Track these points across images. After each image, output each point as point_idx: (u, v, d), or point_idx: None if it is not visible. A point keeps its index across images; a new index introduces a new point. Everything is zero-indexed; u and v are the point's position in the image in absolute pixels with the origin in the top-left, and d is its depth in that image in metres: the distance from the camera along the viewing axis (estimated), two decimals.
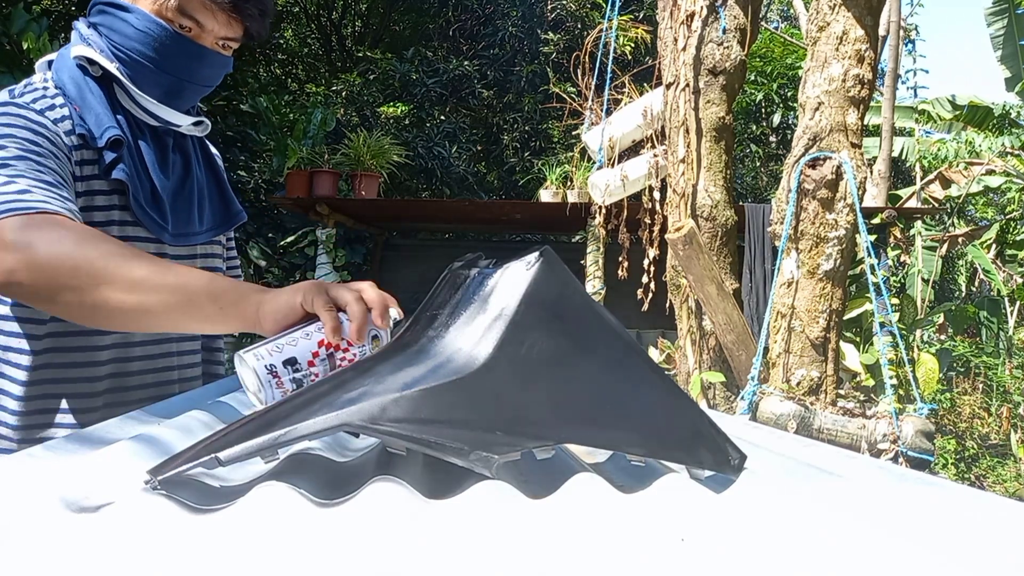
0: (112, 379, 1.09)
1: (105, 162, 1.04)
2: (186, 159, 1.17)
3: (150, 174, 1.09)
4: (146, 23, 1.03)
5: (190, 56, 1.07)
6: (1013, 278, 6.75)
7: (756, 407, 2.80)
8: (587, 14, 7.80)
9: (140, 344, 1.12)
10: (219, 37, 1.08)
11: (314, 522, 0.49)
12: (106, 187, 1.06)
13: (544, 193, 5.33)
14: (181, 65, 1.07)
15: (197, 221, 1.17)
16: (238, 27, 1.09)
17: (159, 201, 1.09)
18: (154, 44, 1.04)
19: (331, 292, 0.78)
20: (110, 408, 1.07)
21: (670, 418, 0.64)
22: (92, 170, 1.05)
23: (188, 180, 1.16)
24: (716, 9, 3.32)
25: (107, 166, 1.04)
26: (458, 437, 0.57)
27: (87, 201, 1.03)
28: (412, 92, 7.64)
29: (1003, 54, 8.19)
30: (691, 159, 3.32)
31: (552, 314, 0.61)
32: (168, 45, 1.05)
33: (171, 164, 1.14)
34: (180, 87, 1.09)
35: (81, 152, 1.03)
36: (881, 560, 0.46)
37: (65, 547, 0.44)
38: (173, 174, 1.14)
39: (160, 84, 1.07)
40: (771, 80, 8.74)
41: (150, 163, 1.09)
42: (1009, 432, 6.03)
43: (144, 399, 1.10)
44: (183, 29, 1.05)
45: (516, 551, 0.46)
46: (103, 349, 1.08)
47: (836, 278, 2.86)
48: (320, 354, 0.76)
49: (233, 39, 1.10)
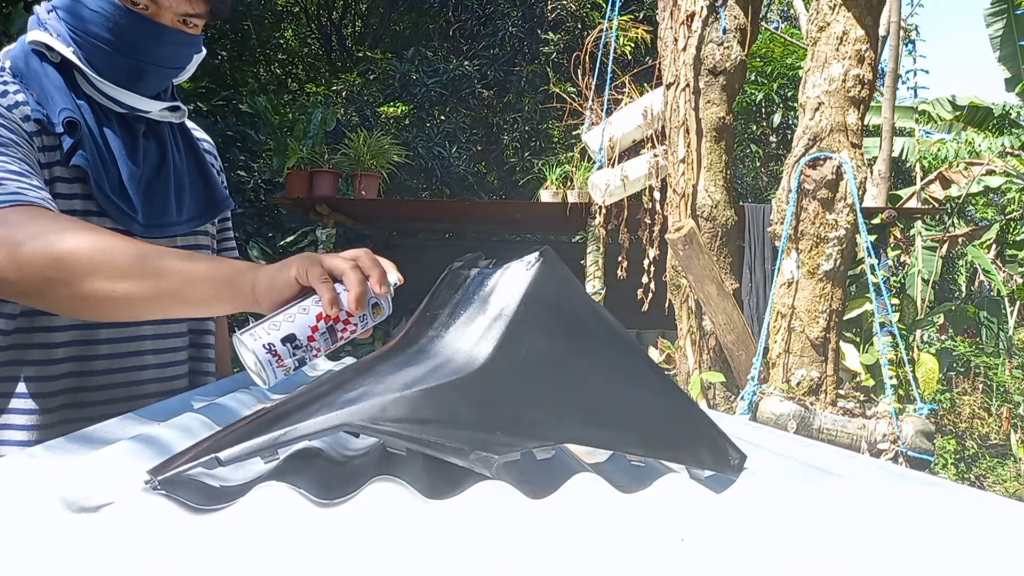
0: (71, 378, 1.03)
1: (64, 148, 0.99)
2: (161, 146, 1.11)
3: (116, 162, 1.03)
4: (99, 3, 0.98)
5: (147, 36, 1.01)
6: (1013, 278, 6.75)
7: (756, 407, 2.80)
8: (587, 14, 7.80)
9: (106, 342, 1.05)
10: (178, 14, 1.02)
11: (314, 522, 0.49)
12: (67, 175, 1.00)
13: (544, 193, 5.33)
14: (139, 46, 1.01)
15: (175, 211, 1.11)
16: (199, 2, 1.03)
17: (125, 190, 1.04)
18: (108, 25, 0.99)
19: (326, 263, 0.75)
20: (68, 410, 1.02)
21: (670, 418, 0.64)
22: (53, 156, 1.00)
23: (163, 168, 1.10)
24: (716, 9, 3.32)
25: (67, 152, 0.99)
26: (458, 437, 0.57)
27: (49, 189, 0.98)
28: (412, 92, 7.64)
29: (1002, 54, 8.19)
30: (691, 159, 3.32)
31: (552, 314, 0.61)
32: (123, 25, 0.99)
33: (142, 151, 1.08)
34: (140, 69, 1.03)
35: (40, 138, 0.99)
36: (881, 560, 0.46)
37: (65, 547, 0.44)
38: (145, 162, 1.08)
39: (119, 67, 1.02)
40: (771, 80, 8.74)
41: (116, 150, 1.03)
42: (1009, 432, 6.03)
43: (111, 401, 1.05)
44: (137, 6, 0.99)
45: (516, 551, 0.46)
46: (59, 346, 1.02)
47: (836, 278, 2.86)
48: (320, 328, 0.75)
49: (195, 15, 1.03)
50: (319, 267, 0.75)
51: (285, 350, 0.74)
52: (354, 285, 0.73)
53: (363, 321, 0.77)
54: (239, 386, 1.08)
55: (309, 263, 0.75)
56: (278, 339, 0.73)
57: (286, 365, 0.75)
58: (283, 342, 0.73)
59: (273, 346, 0.73)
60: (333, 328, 0.75)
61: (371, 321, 0.78)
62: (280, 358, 0.74)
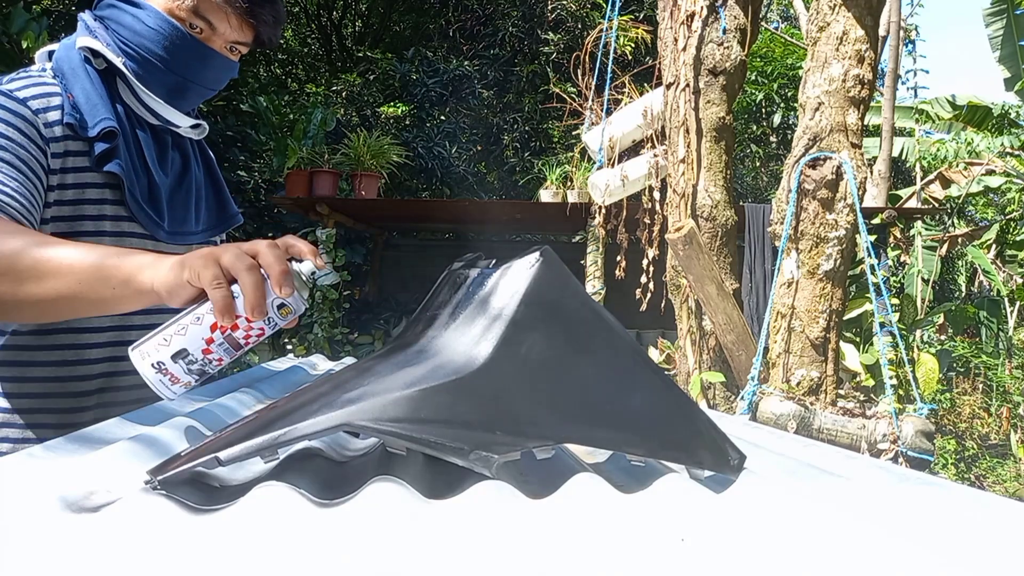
0: (104, 379, 1.07)
1: (95, 153, 1.01)
2: (184, 158, 1.16)
3: (149, 169, 1.07)
4: (158, 21, 1.02)
5: (198, 57, 1.06)
6: (1013, 278, 6.75)
7: (756, 407, 2.80)
8: (587, 14, 7.80)
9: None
10: (229, 41, 1.07)
11: (314, 522, 0.49)
12: (99, 179, 1.03)
13: (544, 193, 5.33)
14: (189, 66, 1.06)
15: (193, 221, 1.16)
16: (249, 32, 1.08)
17: (156, 198, 1.08)
18: (164, 43, 1.03)
19: (223, 260, 0.69)
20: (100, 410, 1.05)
21: (670, 418, 0.64)
22: (82, 161, 1.02)
23: (186, 179, 1.15)
24: (716, 9, 3.32)
25: (98, 157, 1.01)
26: (458, 437, 0.57)
27: (77, 193, 1.01)
28: (412, 92, 7.64)
29: (1002, 54, 8.19)
30: (691, 159, 3.32)
31: (552, 314, 0.61)
32: (178, 45, 1.04)
33: (170, 162, 1.12)
34: (185, 87, 1.08)
35: (66, 143, 1.00)
36: (881, 560, 0.46)
37: (65, 547, 0.44)
38: (171, 172, 1.13)
39: (165, 83, 1.06)
40: (771, 80, 8.74)
41: (150, 159, 1.07)
42: (1009, 432, 6.03)
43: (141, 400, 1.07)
44: (193, 30, 1.04)
45: (516, 551, 0.46)
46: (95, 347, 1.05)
47: (836, 278, 2.86)
48: (215, 339, 0.69)
49: (243, 43, 1.09)
50: (213, 268, 0.69)
51: (178, 368, 0.68)
52: (249, 289, 0.68)
53: (270, 323, 0.71)
54: (239, 386, 1.08)
55: (203, 264, 0.69)
56: (168, 356, 0.68)
57: (183, 381, 0.70)
58: (174, 359, 0.68)
59: (163, 364, 0.68)
60: (232, 336, 0.69)
61: (280, 323, 0.72)
62: (173, 376, 0.69)
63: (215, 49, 1.07)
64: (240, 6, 1.04)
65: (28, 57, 4.51)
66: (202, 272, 0.68)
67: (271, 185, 6.54)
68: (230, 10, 1.04)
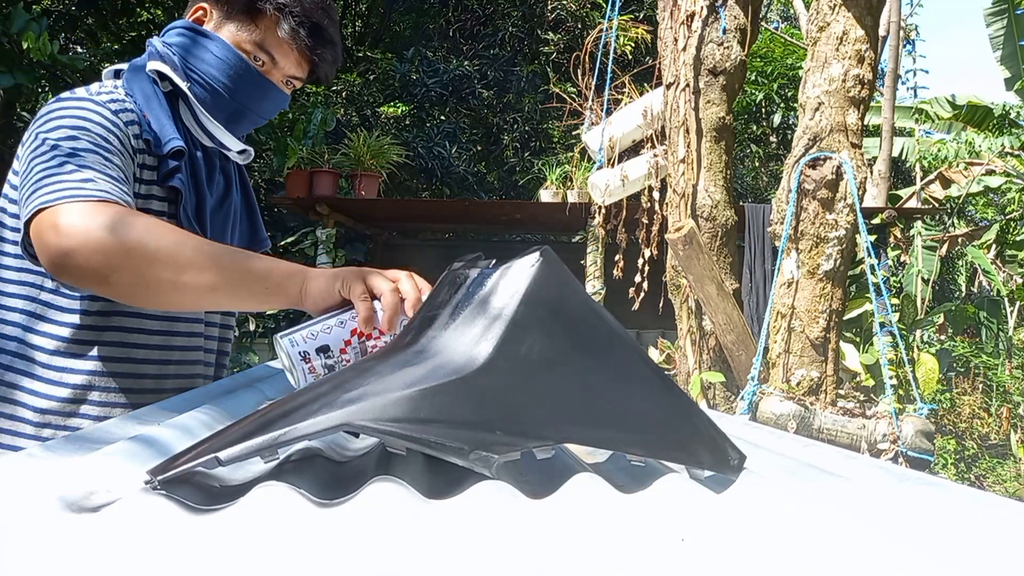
0: (158, 365, 1.13)
1: (165, 169, 1.08)
2: (227, 181, 1.23)
3: (199, 188, 1.14)
4: (225, 52, 1.10)
5: (258, 88, 1.13)
6: (1013, 278, 6.76)
7: (756, 407, 2.81)
8: (587, 14, 7.80)
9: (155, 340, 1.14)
10: (287, 75, 1.15)
11: (314, 522, 0.49)
12: (161, 194, 1.10)
13: (544, 193, 5.33)
14: (249, 95, 1.13)
15: (229, 240, 1.22)
16: (307, 68, 1.16)
17: (202, 216, 1.14)
18: (229, 72, 1.10)
19: (368, 280, 0.81)
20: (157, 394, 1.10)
21: (670, 418, 0.64)
22: (151, 175, 1.09)
23: (227, 201, 1.22)
24: (716, 9, 3.32)
25: (165, 174, 1.08)
26: (458, 437, 0.57)
27: (144, 204, 1.08)
28: (412, 92, 7.64)
29: (1002, 55, 8.19)
30: (691, 159, 3.32)
31: (552, 314, 0.61)
32: (242, 75, 1.11)
33: (216, 183, 1.19)
34: (242, 115, 1.15)
35: (143, 156, 1.08)
36: (881, 560, 0.46)
37: (65, 547, 0.44)
38: (215, 192, 1.19)
39: (225, 109, 1.13)
40: (771, 80, 8.74)
41: (201, 179, 1.14)
42: (1009, 432, 6.03)
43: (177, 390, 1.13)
44: (256, 62, 1.12)
45: (516, 551, 0.46)
46: (153, 334, 1.12)
47: (836, 278, 2.86)
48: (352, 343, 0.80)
49: (299, 79, 1.16)
50: (362, 284, 0.81)
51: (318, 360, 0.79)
52: (389, 307, 0.79)
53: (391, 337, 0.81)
54: (239, 386, 1.09)
55: (354, 279, 0.81)
56: (313, 348, 0.79)
57: (317, 372, 0.79)
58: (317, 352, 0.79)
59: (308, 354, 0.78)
60: (364, 344, 0.81)
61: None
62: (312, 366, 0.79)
63: (273, 82, 1.14)
64: (304, 44, 1.12)
65: (28, 58, 4.51)
66: (354, 286, 0.81)
67: (271, 185, 6.54)
68: (294, 47, 1.12)
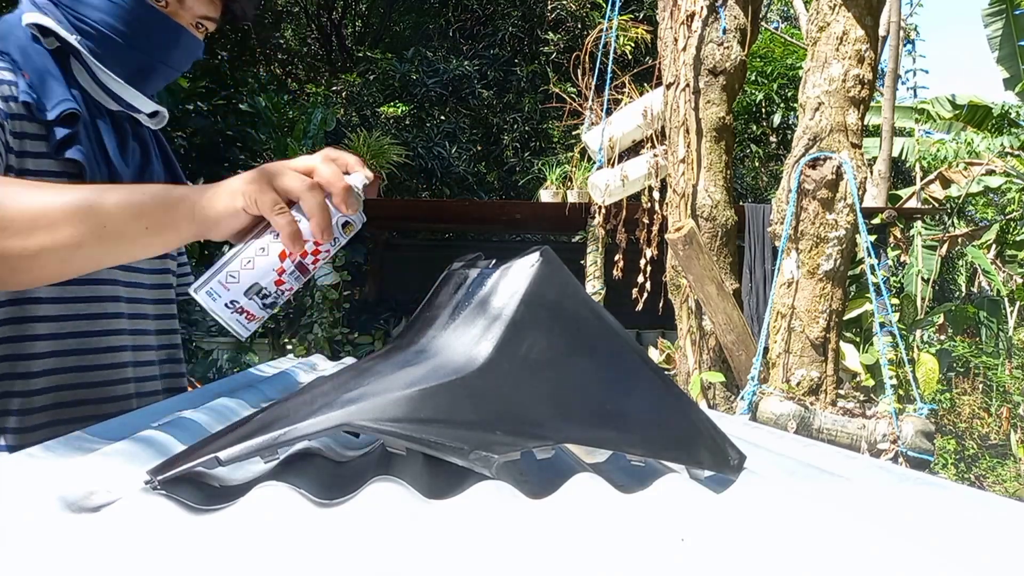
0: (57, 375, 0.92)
1: (56, 139, 0.89)
2: (144, 150, 1.03)
3: (109, 159, 0.94)
4: None
5: (166, 34, 0.94)
6: (1013, 278, 6.76)
7: (756, 407, 2.81)
8: (587, 14, 7.80)
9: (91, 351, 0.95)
10: (197, 16, 0.96)
11: (314, 522, 0.49)
12: (56, 168, 0.90)
13: (544, 193, 5.34)
14: (154, 43, 0.94)
15: None
16: (219, 5, 0.97)
17: None
18: (125, 16, 0.91)
19: (277, 183, 0.64)
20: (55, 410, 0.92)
21: (670, 418, 0.64)
22: (38, 146, 0.89)
23: (146, 173, 1.03)
24: (716, 9, 3.32)
25: (58, 143, 0.89)
26: (458, 437, 0.57)
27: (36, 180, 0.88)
28: (412, 92, 7.64)
29: (1001, 55, 8.19)
30: (691, 159, 3.32)
31: (552, 314, 0.61)
32: (143, 19, 0.92)
33: (130, 153, 1.00)
34: (150, 67, 0.96)
35: (22, 123, 0.87)
36: (881, 560, 0.46)
37: (65, 547, 0.44)
38: (131, 164, 1.00)
39: (127, 63, 0.94)
40: (771, 80, 8.74)
41: (110, 148, 0.95)
42: (1009, 432, 6.03)
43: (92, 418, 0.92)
44: (159, 2, 0.93)
45: (516, 551, 0.46)
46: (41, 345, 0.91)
47: (836, 278, 2.86)
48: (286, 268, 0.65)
49: (211, 19, 0.98)
50: (270, 192, 0.64)
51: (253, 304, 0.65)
52: (315, 211, 0.64)
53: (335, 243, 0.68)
54: (239, 386, 1.08)
55: (258, 189, 0.64)
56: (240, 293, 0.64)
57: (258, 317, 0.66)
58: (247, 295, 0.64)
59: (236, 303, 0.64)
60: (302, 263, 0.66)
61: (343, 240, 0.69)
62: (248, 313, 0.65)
63: (183, 24, 0.95)
64: None
65: None
66: (260, 198, 0.64)
67: None
68: None
